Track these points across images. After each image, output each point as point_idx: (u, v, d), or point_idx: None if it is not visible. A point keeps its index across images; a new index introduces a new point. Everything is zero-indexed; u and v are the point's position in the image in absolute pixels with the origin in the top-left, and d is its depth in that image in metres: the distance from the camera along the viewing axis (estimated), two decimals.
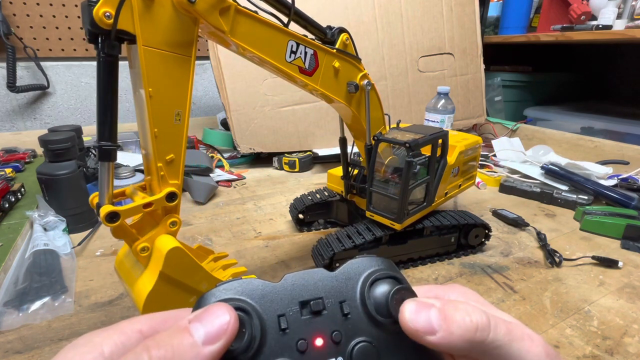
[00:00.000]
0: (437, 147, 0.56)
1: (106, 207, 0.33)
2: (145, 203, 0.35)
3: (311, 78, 0.45)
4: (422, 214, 0.59)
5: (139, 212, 0.35)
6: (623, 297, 0.54)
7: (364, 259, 0.21)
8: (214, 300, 0.19)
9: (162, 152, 0.35)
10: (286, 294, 0.19)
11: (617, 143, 1.08)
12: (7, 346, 0.44)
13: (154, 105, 0.34)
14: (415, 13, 1.15)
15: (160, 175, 0.36)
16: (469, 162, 0.68)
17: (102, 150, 0.33)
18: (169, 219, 0.38)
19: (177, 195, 0.37)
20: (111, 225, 0.34)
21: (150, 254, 0.37)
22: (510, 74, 1.55)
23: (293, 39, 0.42)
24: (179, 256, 0.36)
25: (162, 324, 0.20)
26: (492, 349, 0.18)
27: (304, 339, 0.18)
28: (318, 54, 0.45)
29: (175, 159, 0.36)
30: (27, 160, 1.02)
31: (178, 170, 0.37)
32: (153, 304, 0.35)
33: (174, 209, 0.38)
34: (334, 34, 0.47)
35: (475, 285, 0.57)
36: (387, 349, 0.19)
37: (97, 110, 0.33)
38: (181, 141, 0.36)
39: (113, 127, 0.33)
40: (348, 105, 0.51)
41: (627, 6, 1.19)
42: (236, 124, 1.03)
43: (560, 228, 0.75)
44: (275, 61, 0.41)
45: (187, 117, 0.36)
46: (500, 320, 0.18)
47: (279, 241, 0.69)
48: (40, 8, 1.17)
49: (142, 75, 0.33)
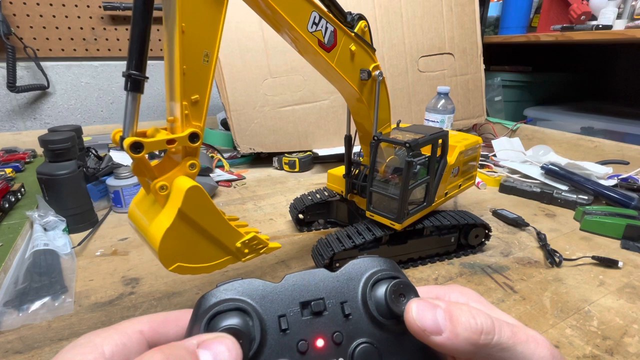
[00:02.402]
0: (437, 147, 0.56)
1: (130, 138, 0.33)
2: (169, 139, 0.35)
3: (329, 54, 0.47)
4: (422, 214, 0.59)
5: (162, 146, 0.35)
6: (623, 297, 0.54)
7: (366, 259, 0.21)
8: (214, 300, 0.18)
9: (188, 91, 0.35)
10: (287, 295, 0.19)
11: (617, 143, 1.08)
12: (7, 346, 0.44)
13: (184, 41, 0.34)
14: (415, 13, 1.15)
15: (185, 115, 0.35)
16: (469, 162, 0.68)
17: (131, 79, 0.33)
18: (189, 161, 0.37)
19: (200, 136, 0.37)
20: (135, 156, 0.33)
21: (168, 193, 0.36)
22: (510, 74, 1.55)
23: (317, 10, 0.43)
24: (199, 196, 0.35)
25: (162, 325, 0.20)
26: (496, 352, 0.17)
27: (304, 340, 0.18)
28: (337, 33, 0.46)
29: (200, 100, 0.36)
30: (27, 160, 1.02)
31: (202, 113, 0.37)
32: (170, 242, 0.35)
33: (194, 151, 0.37)
34: (354, 18, 0.49)
35: (475, 285, 0.57)
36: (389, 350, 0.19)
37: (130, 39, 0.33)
38: (207, 83, 0.36)
39: (144, 57, 0.34)
40: (359, 93, 0.52)
41: (627, 6, 1.19)
42: (236, 124, 1.03)
43: (560, 228, 0.75)
44: (298, 27, 0.42)
45: (215, 60, 0.36)
46: (504, 324, 0.18)
47: (279, 241, 0.69)
48: (40, 8, 1.17)
49: (177, 9, 0.33)
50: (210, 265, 0.39)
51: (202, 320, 0.18)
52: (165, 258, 0.36)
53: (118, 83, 1.34)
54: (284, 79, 1.05)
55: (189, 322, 0.19)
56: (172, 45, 0.35)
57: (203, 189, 0.36)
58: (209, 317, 0.18)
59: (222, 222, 0.38)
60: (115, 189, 0.77)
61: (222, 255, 0.40)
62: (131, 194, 0.79)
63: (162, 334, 0.20)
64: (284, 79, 1.05)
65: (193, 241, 0.37)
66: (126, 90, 0.34)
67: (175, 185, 0.36)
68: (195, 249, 0.37)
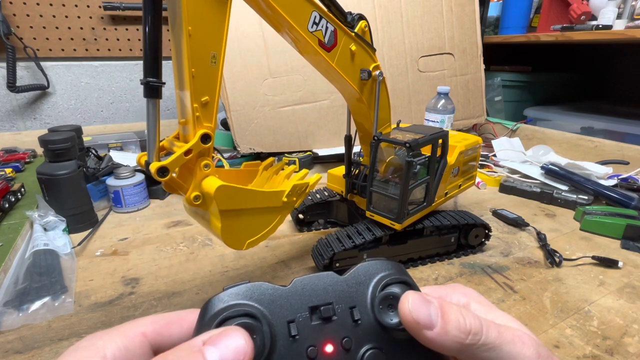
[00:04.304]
0: (437, 147, 0.56)
1: (155, 164, 0.36)
2: (185, 150, 0.37)
3: (329, 54, 0.47)
4: (422, 214, 0.59)
5: (182, 160, 0.37)
6: (623, 297, 0.54)
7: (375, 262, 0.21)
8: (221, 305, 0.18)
9: (198, 93, 0.36)
10: (296, 299, 0.19)
11: (617, 143, 1.08)
12: (7, 346, 0.44)
13: (192, 44, 0.35)
14: (415, 13, 1.15)
15: (196, 117, 0.37)
16: (469, 162, 0.68)
17: (149, 86, 0.35)
18: (202, 162, 0.39)
19: (211, 137, 0.38)
20: (164, 180, 0.36)
21: (203, 199, 0.39)
22: (510, 74, 1.55)
23: (317, 10, 0.44)
24: (227, 191, 0.38)
25: (165, 327, 0.19)
26: (482, 352, 0.18)
27: (313, 346, 0.18)
28: (338, 33, 0.47)
29: (209, 102, 0.37)
30: (27, 160, 1.02)
31: (212, 113, 0.38)
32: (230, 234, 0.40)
33: (207, 151, 0.39)
34: (354, 18, 0.49)
35: (475, 285, 0.57)
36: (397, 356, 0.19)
37: (144, 46, 0.35)
38: (216, 84, 0.37)
39: (159, 63, 0.35)
40: (360, 93, 0.52)
41: (627, 6, 1.19)
42: (236, 124, 1.03)
43: (560, 228, 0.75)
44: (298, 27, 0.43)
45: (222, 61, 0.37)
46: (492, 324, 0.18)
47: (279, 241, 0.69)
48: (40, 8, 1.17)
49: (183, 14, 0.34)
50: (273, 226, 0.45)
51: (209, 327, 0.17)
52: (235, 245, 0.42)
53: (118, 83, 1.34)
54: (284, 79, 1.05)
55: (195, 327, 0.18)
56: (179, 49, 0.36)
57: (227, 185, 0.38)
58: (217, 323, 0.17)
59: (259, 195, 0.42)
60: (115, 189, 0.77)
61: (277, 215, 0.45)
62: (131, 194, 0.79)
63: (165, 336, 0.19)
64: (284, 79, 1.05)
65: (247, 221, 0.42)
66: (145, 97, 0.35)
67: (204, 191, 0.39)
68: (252, 224, 0.43)
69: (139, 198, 0.80)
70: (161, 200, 0.86)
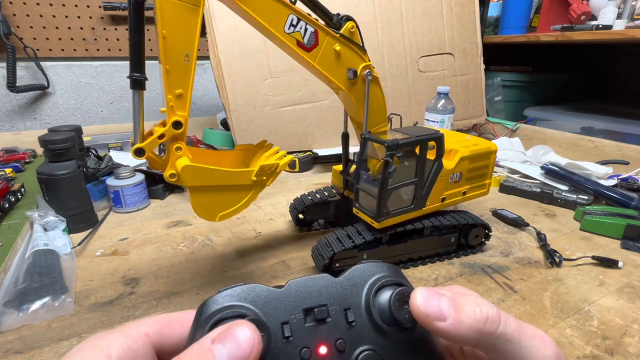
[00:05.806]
0: (427, 149, 0.54)
1: (135, 145, 0.42)
2: (159, 134, 0.42)
3: (309, 54, 0.48)
4: (410, 217, 0.58)
5: (156, 143, 0.42)
6: (623, 297, 0.54)
7: (370, 264, 0.21)
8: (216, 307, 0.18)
9: (172, 86, 0.41)
10: (290, 301, 0.19)
11: (617, 143, 1.08)
12: (7, 346, 0.44)
13: (166, 45, 0.39)
14: (415, 13, 1.15)
15: (170, 106, 0.41)
16: (477, 169, 0.64)
17: (133, 80, 0.40)
18: (174, 145, 0.43)
19: (182, 124, 0.42)
20: (140, 158, 0.42)
21: (178, 177, 0.44)
22: (510, 74, 1.55)
23: (295, 13, 0.45)
24: (192, 170, 0.43)
25: (167, 327, 0.20)
26: (501, 342, 0.17)
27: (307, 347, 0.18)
28: (319, 34, 0.48)
29: (183, 94, 0.42)
30: (27, 160, 1.02)
31: (185, 104, 0.42)
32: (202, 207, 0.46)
33: (180, 136, 0.43)
34: (340, 20, 0.50)
35: (475, 285, 0.57)
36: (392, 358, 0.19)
37: (129, 48, 0.40)
38: (189, 79, 0.41)
39: (141, 61, 0.41)
40: (348, 93, 0.53)
41: (627, 6, 1.19)
42: (236, 124, 1.03)
43: (560, 228, 0.75)
44: (272, 28, 0.45)
45: (194, 59, 0.41)
46: (511, 317, 0.18)
47: (279, 241, 0.69)
48: (40, 8, 1.17)
49: (157, 20, 0.38)
50: (245, 202, 0.49)
51: (204, 328, 0.17)
52: (207, 217, 0.47)
53: (118, 83, 1.34)
54: (284, 79, 1.05)
55: (191, 329, 0.19)
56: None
57: (192, 165, 0.43)
58: (211, 324, 0.17)
59: (226, 174, 0.46)
60: (115, 189, 0.77)
61: (248, 192, 0.49)
62: (131, 194, 0.79)
63: (167, 336, 0.19)
64: (284, 79, 1.05)
65: (217, 196, 0.46)
66: (131, 89, 0.41)
67: (177, 170, 0.43)
68: (223, 199, 0.47)
69: (139, 198, 0.80)
70: (161, 200, 0.86)
